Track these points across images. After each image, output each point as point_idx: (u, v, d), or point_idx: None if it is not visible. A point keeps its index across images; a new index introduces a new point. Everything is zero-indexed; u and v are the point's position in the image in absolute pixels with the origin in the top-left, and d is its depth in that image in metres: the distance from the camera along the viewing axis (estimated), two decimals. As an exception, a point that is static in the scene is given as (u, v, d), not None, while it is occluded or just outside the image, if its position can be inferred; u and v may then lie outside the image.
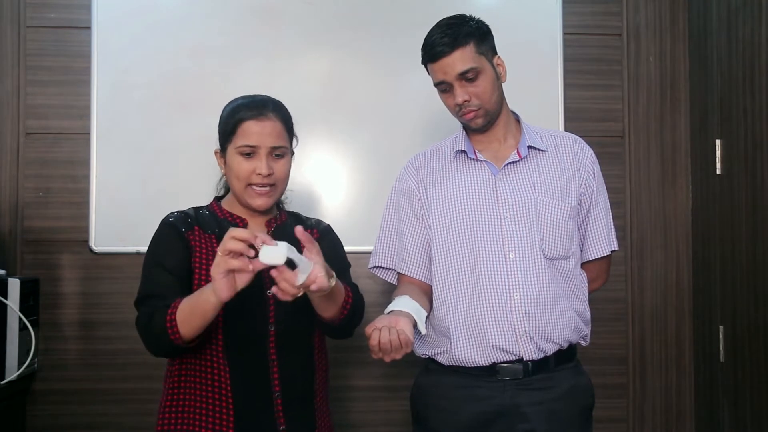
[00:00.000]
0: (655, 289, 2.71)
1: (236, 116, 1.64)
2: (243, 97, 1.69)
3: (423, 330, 1.66)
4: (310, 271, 1.40)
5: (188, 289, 1.57)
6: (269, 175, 1.61)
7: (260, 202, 1.63)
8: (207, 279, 1.58)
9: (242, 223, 1.68)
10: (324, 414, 1.72)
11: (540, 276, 1.73)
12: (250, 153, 1.62)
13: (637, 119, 2.73)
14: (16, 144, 2.54)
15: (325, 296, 1.51)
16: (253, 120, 1.62)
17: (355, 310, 1.66)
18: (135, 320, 1.56)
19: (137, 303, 1.58)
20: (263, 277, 1.62)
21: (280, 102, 1.70)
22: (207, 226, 1.65)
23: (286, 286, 1.39)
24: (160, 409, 1.64)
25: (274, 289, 1.41)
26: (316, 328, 1.70)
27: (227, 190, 1.76)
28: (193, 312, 1.45)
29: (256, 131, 1.62)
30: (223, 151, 1.68)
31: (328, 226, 1.82)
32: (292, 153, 1.72)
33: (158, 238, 1.64)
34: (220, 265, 1.37)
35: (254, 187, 1.62)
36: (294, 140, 1.73)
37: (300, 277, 1.39)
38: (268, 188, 1.63)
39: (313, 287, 1.41)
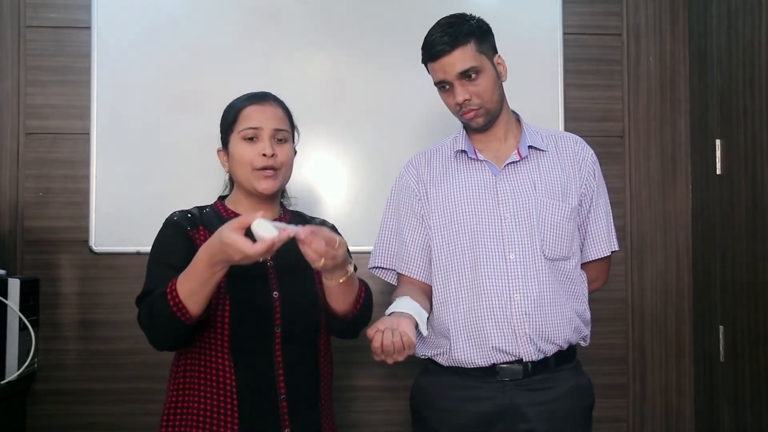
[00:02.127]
0: (655, 289, 2.70)
1: (238, 106, 1.67)
2: (242, 95, 1.72)
3: (424, 331, 1.66)
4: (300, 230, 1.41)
5: None
6: (273, 156, 1.62)
7: (266, 185, 1.63)
8: None
9: None
10: (329, 416, 1.72)
11: (540, 277, 1.73)
12: (253, 137, 1.63)
13: (637, 119, 2.72)
14: (16, 144, 2.54)
15: (342, 285, 1.52)
16: (254, 105, 1.66)
17: (367, 305, 1.67)
18: (137, 317, 1.55)
19: (138, 300, 1.56)
20: (269, 279, 1.62)
21: (279, 97, 1.73)
22: (212, 226, 1.65)
23: (310, 254, 1.41)
24: (164, 410, 1.63)
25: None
26: (321, 331, 1.70)
27: (231, 190, 1.76)
28: (201, 284, 1.43)
29: (259, 114, 1.65)
30: (225, 146, 1.68)
31: (333, 226, 1.82)
32: (295, 151, 1.73)
33: (162, 237, 1.63)
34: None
35: (260, 171, 1.63)
36: (296, 133, 1.74)
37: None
38: (272, 172, 1.63)
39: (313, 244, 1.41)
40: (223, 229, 1.38)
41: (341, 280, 1.52)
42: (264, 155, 1.61)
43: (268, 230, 1.35)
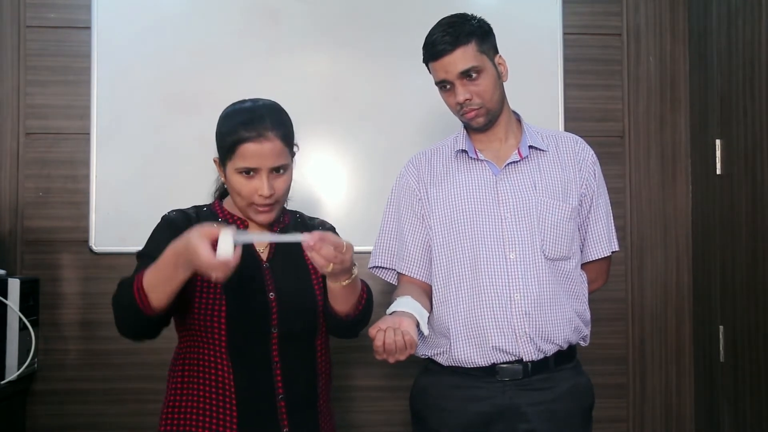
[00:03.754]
0: (655, 289, 2.70)
1: (234, 136, 1.57)
2: (240, 110, 1.61)
3: (426, 331, 1.66)
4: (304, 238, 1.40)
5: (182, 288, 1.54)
6: (271, 195, 1.58)
7: (263, 218, 1.61)
8: (208, 281, 1.57)
9: (242, 225, 1.67)
10: (327, 416, 1.71)
11: (540, 277, 1.73)
12: (250, 172, 1.57)
13: (637, 119, 2.73)
14: (16, 144, 2.54)
15: (347, 287, 1.51)
16: (251, 142, 1.55)
17: (369, 305, 1.65)
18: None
19: (119, 284, 1.55)
20: (265, 280, 1.62)
21: (278, 110, 1.64)
22: None
23: (319, 260, 1.41)
24: (162, 411, 1.63)
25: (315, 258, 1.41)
26: (319, 331, 1.69)
27: (227, 190, 1.75)
28: (164, 280, 1.42)
29: (256, 154, 1.55)
30: (222, 164, 1.63)
31: (332, 227, 1.80)
32: (293, 157, 1.71)
33: (157, 234, 1.63)
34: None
35: (257, 206, 1.59)
36: (295, 148, 1.68)
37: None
38: (269, 206, 1.60)
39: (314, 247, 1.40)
40: (193, 231, 1.36)
41: (345, 283, 1.51)
42: (261, 195, 1.57)
43: (226, 249, 1.33)
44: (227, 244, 1.33)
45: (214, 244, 1.34)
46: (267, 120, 1.57)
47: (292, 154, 1.68)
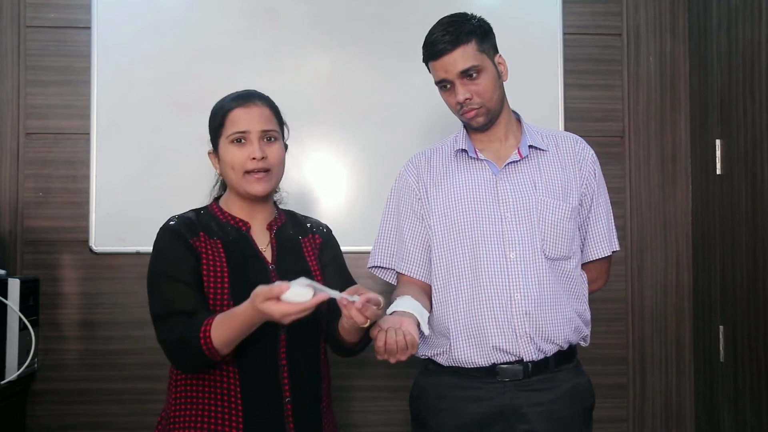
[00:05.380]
0: (655, 289, 2.70)
1: (223, 108, 1.66)
2: (228, 95, 1.71)
3: (426, 331, 1.65)
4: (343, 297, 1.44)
5: (203, 296, 1.56)
6: (263, 158, 1.61)
7: (259, 188, 1.62)
8: (216, 286, 1.57)
9: (245, 227, 1.67)
10: (329, 417, 1.72)
11: (540, 276, 1.73)
12: (241, 139, 1.62)
13: (637, 119, 2.73)
14: (16, 144, 2.54)
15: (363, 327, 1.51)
16: (239, 108, 1.64)
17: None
18: (159, 340, 1.54)
19: (156, 319, 1.55)
20: (271, 283, 1.61)
21: (265, 94, 1.71)
22: (210, 230, 1.63)
23: (358, 315, 1.43)
24: (169, 416, 1.61)
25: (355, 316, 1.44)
26: (322, 332, 1.69)
27: (223, 191, 1.75)
28: (238, 336, 1.47)
29: (245, 117, 1.63)
30: (215, 148, 1.68)
31: (328, 229, 1.81)
32: (286, 146, 1.72)
33: (164, 247, 1.60)
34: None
35: (251, 174, 1.62)
36: (285, 130, 1.73)
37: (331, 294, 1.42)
38: (263, 173, 1.62)
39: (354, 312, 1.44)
40: (256, 299, 1.38)
41: (365, 325, 1.50)
42: (254, 159, 1.60)
43: (301, 295, 1.37)
44: (300, 294, 1.38)
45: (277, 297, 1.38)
46: (254, 93, 1.68)
47: (284, 137, 1.71)
